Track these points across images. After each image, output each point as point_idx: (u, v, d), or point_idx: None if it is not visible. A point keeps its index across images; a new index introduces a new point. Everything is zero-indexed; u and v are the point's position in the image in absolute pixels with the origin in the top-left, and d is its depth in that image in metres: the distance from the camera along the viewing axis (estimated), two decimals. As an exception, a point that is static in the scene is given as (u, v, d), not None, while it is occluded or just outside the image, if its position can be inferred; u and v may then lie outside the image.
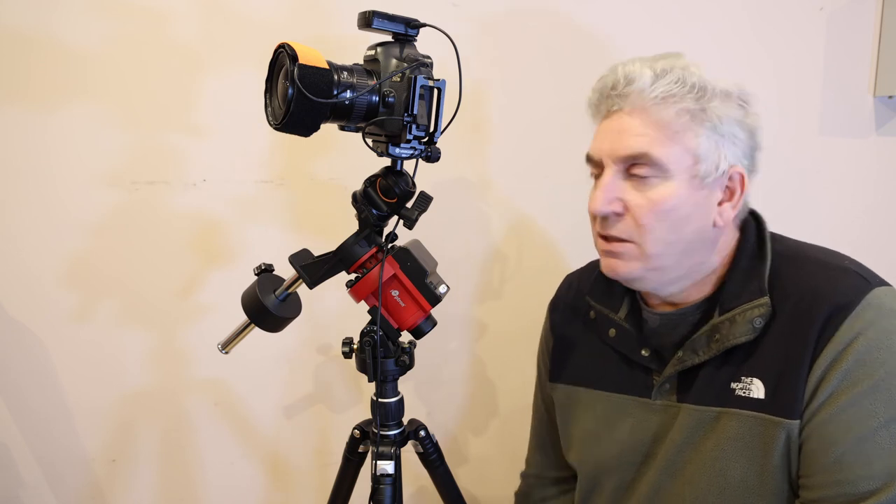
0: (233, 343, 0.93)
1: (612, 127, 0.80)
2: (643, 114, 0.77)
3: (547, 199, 1.33)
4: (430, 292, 0.87)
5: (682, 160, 0.77)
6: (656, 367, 0.86)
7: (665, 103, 0.76)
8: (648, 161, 0.77)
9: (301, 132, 0.75)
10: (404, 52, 0.80)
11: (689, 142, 0.77)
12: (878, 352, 0.71)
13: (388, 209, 0.86)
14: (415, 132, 0.81)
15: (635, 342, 0.88)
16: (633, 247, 0.80)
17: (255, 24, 1.25)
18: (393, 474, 0.91)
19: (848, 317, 0.73)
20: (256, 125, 1.29)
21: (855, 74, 1.24)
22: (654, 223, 0.78)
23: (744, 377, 0.78)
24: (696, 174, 0.77)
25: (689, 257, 0.81)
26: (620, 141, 0.79)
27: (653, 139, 0.76)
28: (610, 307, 0.92)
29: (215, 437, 1.42)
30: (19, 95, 1.27)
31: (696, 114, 0.77)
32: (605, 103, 0.82)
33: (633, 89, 0.78)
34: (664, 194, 0.77)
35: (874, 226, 1.27)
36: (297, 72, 0.71)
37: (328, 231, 0.97)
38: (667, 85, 0.76)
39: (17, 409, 1.39)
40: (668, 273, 0.81)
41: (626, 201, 0.79)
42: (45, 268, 1.33)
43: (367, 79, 0.78)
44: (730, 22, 1.24)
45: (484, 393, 1.42)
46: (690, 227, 0.79)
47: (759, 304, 0.78)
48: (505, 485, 1.36)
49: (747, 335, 0.78)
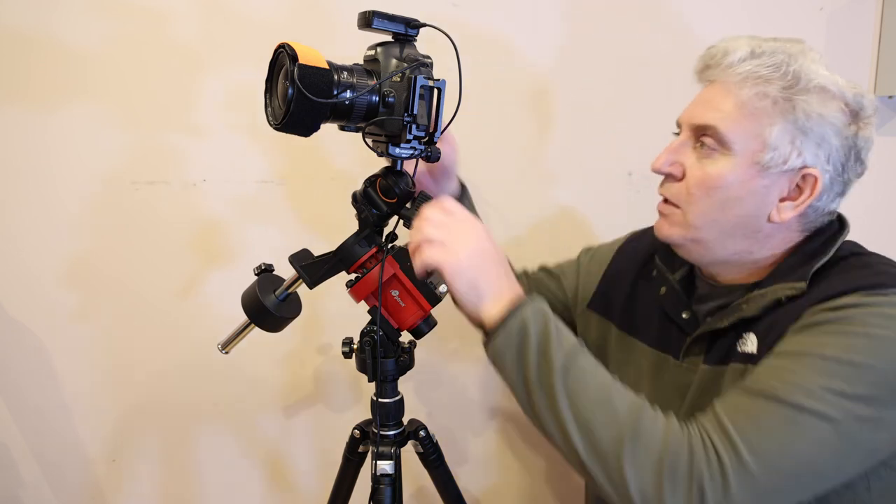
0: (233, 343, 0.93)
1: (701, 97, 0.82)
2: (725, 88, 0.78)
3: (546, 199, 1.33)
4: (430, 292, 0.87)
5: (749, 143, 0.76)
6: (690, 331, 0.86)
7: (746, 83, 0.76)
8: (714, 134, 0.77)
9: (301, 132, 0.75)
10: (404, 52, 0.80)
11: (762, 127, 0.75)
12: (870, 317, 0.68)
13: (388, 209, 0.86)
14: (415, 132, 0.81)
15: (681, 303, 0.89)
16: (679, 212, 0.81)
17: (256, 25, 1.25)
18: (393, 474, 0.91)
19: (859, 293, 0.70)
20: (256, 125, 1.30)
21: (855, 74, 1.24)
22: (701, 195, 0.78)
23: (744, 334, 0.78)
24: (759, 161, 0.75)
25: (733, 241, 0.80)
26: (698, 110, 0.80)
27: (726, 115, 0.77)
28: (669, 267, 0.93)
29: (215, 437, 1.42)
30: (19, 95, 1.27)
31: (778, 102, 0.75)
32: (705, 73, 0.83)
33: (724, 62, 0.78)
34: (720, 170, 0.77)
35: (874, 226, 1.27)
36: (298, 72, 0.70)
37: (328, 231, 0.97)
38: (756, 66, 0.76)
39: (17, 409, 1.40)
40: (710, 250, 0.82)
41: (685, 167, 0.80)
42: (45, 268, 1.33)
43: (367, 79, 0.78)
44: (730, 22, 1.24)
45: (484, 393, 1.42)
46: (739, 210, 0.78)
47: (793, 286, 0.75)
48: (505, 485, 1.36)
49: (765, 310, 0.77)
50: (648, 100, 1.28)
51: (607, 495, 0.68)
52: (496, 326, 0.72)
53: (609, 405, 0.69)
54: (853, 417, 0.65)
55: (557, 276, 1.10)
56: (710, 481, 0.64)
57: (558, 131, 1.31)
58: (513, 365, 0.72)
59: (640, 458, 0.66)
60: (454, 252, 0.73)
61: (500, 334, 0.72)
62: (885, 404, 0.66)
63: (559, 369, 0.69)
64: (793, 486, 0.66)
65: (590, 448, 0.68)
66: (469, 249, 0.74)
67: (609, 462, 0.67)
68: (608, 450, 0.67)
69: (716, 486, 0.64)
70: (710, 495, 0.64)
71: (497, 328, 0.72)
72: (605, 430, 0.68)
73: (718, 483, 0.64)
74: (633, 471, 0.66)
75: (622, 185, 1.32)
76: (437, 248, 0.73)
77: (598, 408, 0.69)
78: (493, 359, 0.74)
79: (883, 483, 0.73)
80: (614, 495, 0.67)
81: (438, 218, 0.76)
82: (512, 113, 1.30)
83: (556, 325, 0.73)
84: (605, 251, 1.07)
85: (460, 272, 0.73)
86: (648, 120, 1.28)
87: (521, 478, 1.45)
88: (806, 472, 0.66)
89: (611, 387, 0.71)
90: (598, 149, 1.31)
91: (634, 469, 0.66)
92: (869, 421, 0.65)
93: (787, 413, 0.66)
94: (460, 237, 0.74)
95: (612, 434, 0.67)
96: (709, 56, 0.82)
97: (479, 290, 0.74)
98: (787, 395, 0.66)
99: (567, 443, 0.69)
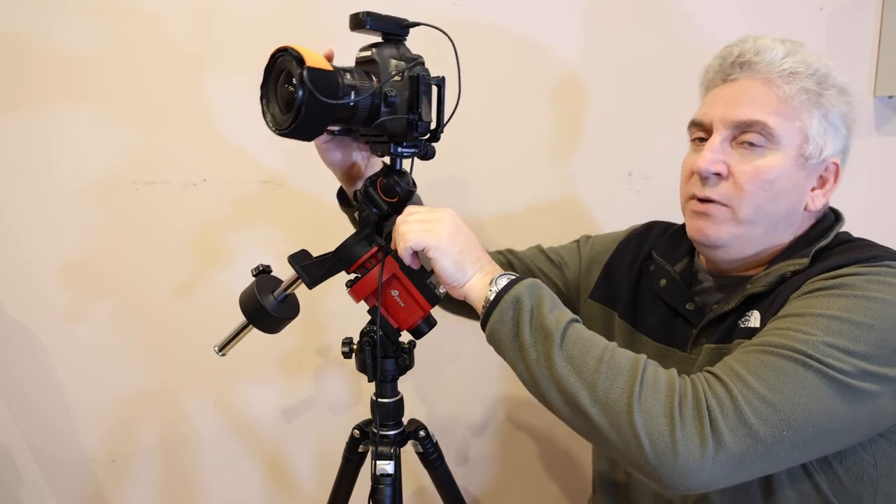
0: (230, 345, 0.93)
1: (730, 93, 0.82)
2: (767, 85, 0.80)
3: (546, 198, 1.33)
4: (429, 292, 0.87)
5: (794, 136, 0.79)
6: (696, 322, 0.87)
7: (791, 78, 0.79)
8: (762, 130, 0.79)
9: (305, 136, 0.75)
10: (401, 51, 0.80)
11: (804, 120, 0.79)
12: (867, 283, 0.71)
13: (388, 208, 0.86)
14: (419, 130, 0.81)
15: (684, 295, 0.90)
16: (727, 210, 0.82)
17: (256, 25, 1.25)
18: (393, 474, 0.91)
19: (857, 265, 0.74)
20: (256, 125, 1.30)
21: (855, 74, 1.24)
22: (756, 190, 0.79)
23: (748, 312, 0.80)
24: (802, 153, 0.79)
25: (774, 233, 0.83)
26: (737, 106, 0.80)
27: (772, 110, 0.79)
28: (669, 261, 0.94)
29: (215, 437, 1.42)
30: (19, 96, 1.27)
31: (813, 96, 0.79)
32: (726, 71, 0.84)
33: (762, 60, 0.80)
34: (772, 164, 0.79)
35: (874, 226, 1.26)
36: (307, 74, 0.70)
37: (328, 231, 0.97)
38: (795, 62, 0.79)
39: (17, 409, 1.40)
40: (752, 245, 0.83)
41: (729, 165, 0.81)
42: (45, 268, 1.33)
43: (367, 80, 0.78)
44: (729, 22, 1.24)
45: (484, 393, 1.42)
46: (786, 202, 0.81)
47: (796, 262, 0.79)
48: (505, 485, 1.37)
49: (771, 286, 0.79)
50: (649, 100, 1.28)
51: (620, 454, 0.67)
52: (490, 301, 0.75)
53: (611, 361, 0.69)
54: (858, 372, 0.66)
55: (560, 266, 1.09)
56: (720, 410, 0.64)
57: (558, 131, 1.31)
58: (509, 336, 0.73)
59: (647, 403, 0.65)
60: (436, 231, 0.77)
61: (494, 309, 0.74)
62: (885, 364, 0.67)
63: (557, 333, 0.70)
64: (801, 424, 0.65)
65: (596, 404, 0.67)
66: (448, 228, 0.78)
67: (619, 415, 0.66)
68: (616, 400, 0.66)
69: (727, 413, 0.64)
70: (722, 424, 0.63)
71: (491, 303, 0.74)
72: (611, 383, 0.67)
73: (730, 410, 0.64)
74: (643, 418, 0.65)
75: (622, 185, 1.32)
76: (419, 230, 0.77)
77: (601, 365, 0.69)
78: (490, 334, 0.75)
79: (888, 460, 0.75)
80: (626, 450, 0.66)
81: (414, 209, 0.81)
82: (511, 113, 1.30)
83: (551, 296, 0.75)
84: (605, 242, 1.07)
85: (445, 250, 0.77)
86: (649, 120, 1.29)
87: (520, 478, 1.45)
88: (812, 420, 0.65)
89: (609, 346, 0.71)
90: (598, 149, 1.31)
91: (644, 416, 0.65)
92: (871, 378, 0.66)
93: (793, 362, 0.66)
94: (438, 219, 0.79)
95: (618, 386, 0.67)
96: (733, 54, 0.83)
97: (463, 267, 0.78)
98: (792, 347, 0.67)
99: (573, 406, 0.68)
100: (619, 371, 0.68)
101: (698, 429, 0.64)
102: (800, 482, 0.76)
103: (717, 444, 0.63)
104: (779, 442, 0.64)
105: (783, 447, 0.65)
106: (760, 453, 0.64)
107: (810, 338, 0.67)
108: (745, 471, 0.65)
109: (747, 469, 0.65)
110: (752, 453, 0.64)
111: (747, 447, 0.64)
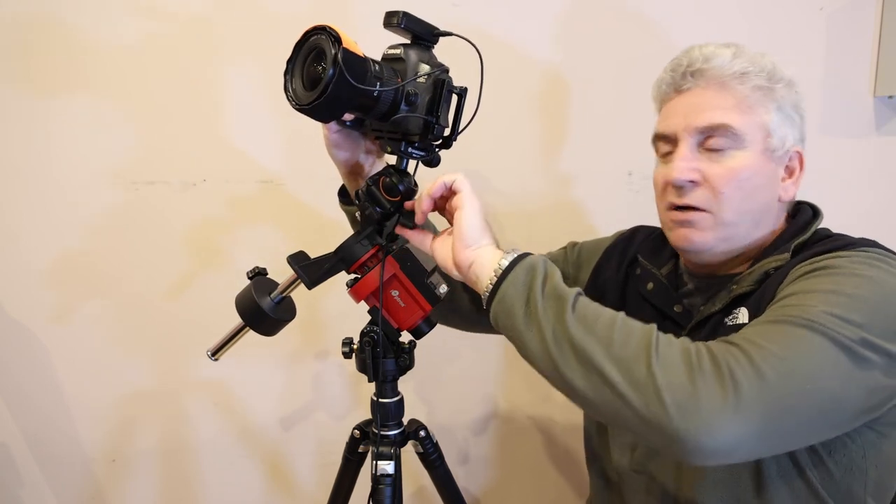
0: (223, 350, 0.92)
1: (688, 102, 0.84)
2: (721, 88, 0.82)
3: (546, 198, 1.33)
4: (430, 292, 0.87)
5: (757, 132, 0.82)
6: (685, 324, 0.88)
7: (743, 78, 0.81)
8: (727, 132, 0.81)
9: (322, 117, 0.76)
10: (429, 56, 0.82)
11: (762, 116, 0.82)
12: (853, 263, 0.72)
13: (390, 207, 0.86)
14: (434, 134, 0.82)
15: (671, 298, 0.91)
16: (708, 216, 0.83)
17: (256, 25, 1.25)
18: (393, 474, 0.91)
19: (838, 251, 0.76)
20: (257, 125, 1.30)
21: (855, 74, 1.24)
22: (733, 191, 0.81)
23: (734, 310, 0.82)
24: (767, 147, 0.82)
25: (757, 228, 0.84)
26: (698, 114, 0.83)
27: (731, 111, 0.81)
28: (654, 264, 0.96)
29: (215, 437, 1.42)
30: (19, 95, 1.27)
31: (766, 92, 0.82)
32: (678, 82, 0.85)
33: (712, 66, 0.82)
34: (743, 163, 0.81)
35: (874, 226, 1.26)
36: (342, 55, 0.71)
37: (328, 231, 0.97)
38: (743, 63, 0.82)
39: (17, 409, 1.40)
40: (736, 244, 0.84)
41: (702, 171, 0.82)
42: (45, 267, 1.33)
43: (393, 76, 0.79)
44: (730, 21, 1.25)
45: (484, 393, 1.42)
46: (762, 197, 0.83)
47: (778, 258, 0.81)
48: (505, 485, 1.37)
49: (756, 283, 0.80)
50: (649, 100, 1.28)
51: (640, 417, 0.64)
52: (503, 268, 0.74)
53: (624, 322, 0.69)
54: (858, 339, 0.66)
55: None
56: (736, 363, 0.63)
57: (558, 131, 1.31)
58: (521, 300, 0.72)
59: (664, 356, 0.64)
60: (474, 191, 0.80)
61: (508, 274, 0.74)
62: (879, 336, 0.67)
63: (570, 297, 0.70)
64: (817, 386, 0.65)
65: (612, 359, 0.65)
66: (481, 204, 0.80)
67: (637, 369, 0.64)
68: (633, 354, 0.65)
69: (744, 367, 0.63)
70: (740, 375, 0.62)
71: (505, 269, 0.74)
72: (627, 338, 0.66)
73: (746, 364, 0.63)
74: (662, 370, 0.63)
75: (622, 185, 1.32)
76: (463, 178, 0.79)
77: (614, 324, 0.68)
78: (501, 298, 0.74)
79: (876, 450, 0.76)
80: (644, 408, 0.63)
81: None
82: (511, 113, 1.30)
83: (559, 272, 0.75)
84: (593, 247, 1.08)
85: (474, 206, 0.79)
86: (648, 120, 1.28)
87: (520, 478, 1.45)
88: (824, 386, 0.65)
89: (620, 314, 0.71)
90: (598, 149, 1.31)
91: (662, 368, 0.63)
92: (869, 346, 0.66)
93: (800, 327, 0.66)
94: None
95: (634, 341, 0.66)
96: (682, 65, 0.85)
97: (483, 230, 0.79)
98: (796, 315, 0.67)
99: (588, 366, 0.66)
100: (632, 329, 0.68)
101: (718, 379, 0.62)
102: (791, 478, 0.76)
103: (737, 396, 0.61)
104: (798, 402, 0.64)
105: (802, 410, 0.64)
106: (779, 413, 0.63)
107: (812, 308, 0.68)
108: (767, 435, 0.63)
109: (769, 433, 0.63)
110: (772, 411, 0.62)
111: (766, 404, 0.62)
